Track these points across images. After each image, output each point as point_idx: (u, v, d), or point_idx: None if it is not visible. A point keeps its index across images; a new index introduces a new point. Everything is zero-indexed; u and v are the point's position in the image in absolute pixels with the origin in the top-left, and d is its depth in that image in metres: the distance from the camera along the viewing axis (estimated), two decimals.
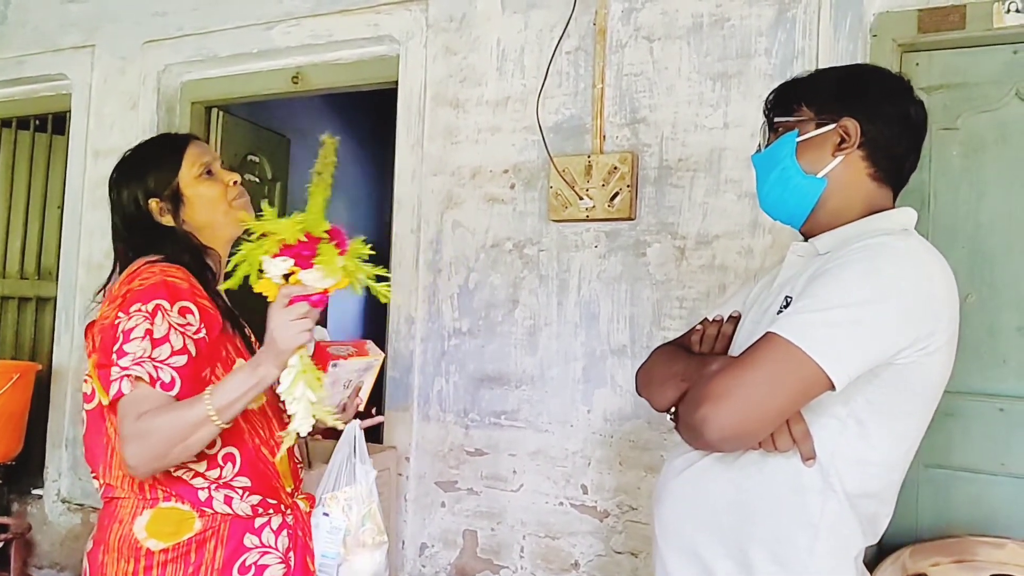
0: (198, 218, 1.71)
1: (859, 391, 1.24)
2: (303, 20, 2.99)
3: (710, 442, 1.26)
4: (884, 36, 2.21)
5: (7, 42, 3.64)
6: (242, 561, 1.59)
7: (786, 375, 1.21)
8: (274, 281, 1.38)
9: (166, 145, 1.78)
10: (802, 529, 1.27)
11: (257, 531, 1.62)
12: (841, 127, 1.35)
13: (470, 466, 2.65)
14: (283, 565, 1.65)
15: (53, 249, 3.76)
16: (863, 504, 1.28)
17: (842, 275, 1.24)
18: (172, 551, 1.55)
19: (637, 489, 2.39)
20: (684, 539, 1.37)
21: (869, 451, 1.27)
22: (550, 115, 2.57)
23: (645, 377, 1.50)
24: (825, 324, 1.21)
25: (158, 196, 1.70)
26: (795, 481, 1.27)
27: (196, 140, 1.78)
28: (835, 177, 1.36)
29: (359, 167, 6.22)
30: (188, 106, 3.37)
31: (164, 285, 1.54)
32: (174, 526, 1.55)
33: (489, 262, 2.66)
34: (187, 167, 1.71)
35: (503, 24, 2.67)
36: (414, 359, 2.75)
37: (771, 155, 1.42)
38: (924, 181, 2.19)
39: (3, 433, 3.17)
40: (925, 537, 2.11)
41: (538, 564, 2.52)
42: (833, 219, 1.37)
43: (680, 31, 2.42)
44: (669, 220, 2.40)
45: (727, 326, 1.48)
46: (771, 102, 1.46)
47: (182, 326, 1.52)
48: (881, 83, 1.39)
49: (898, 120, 1.36)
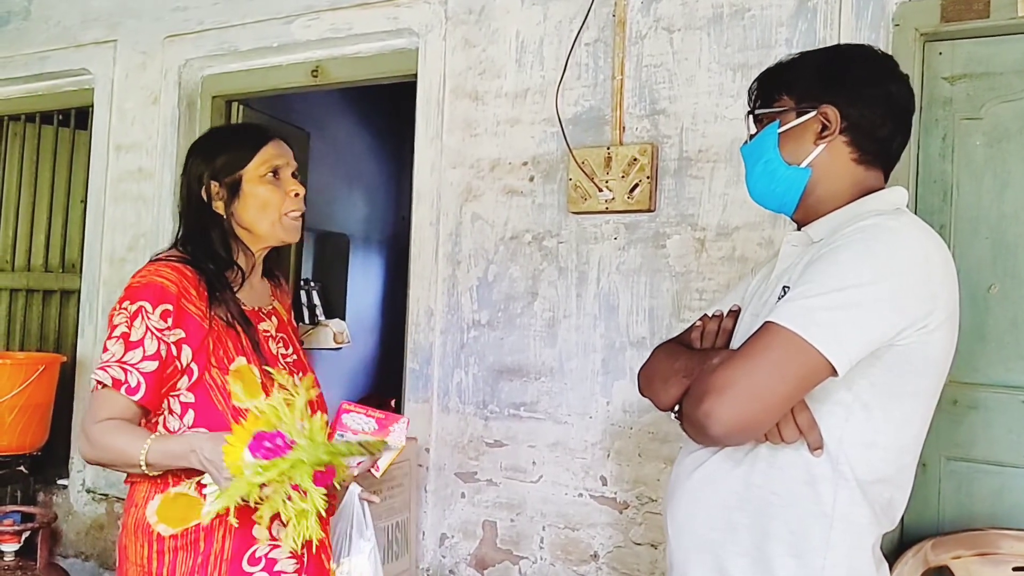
0: (247, 216, 1.70)
1: (862, 375, 1.23)
2: (323, 14, 3.01)
3: (715, 436, 1.25)
4: (906, 25, 2.19)
5: (30, 38, 3.68)
6: (252, 553, 1.60)
7: (787, 363, 1.20)
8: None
9: (248, 134, 1.78)
10: (816, 520, 1.26)
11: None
12: (821, 114, 1.33)
13: (489, 457, 2.66)
14: (295, 561, 1.63)
15: (76, 243, 3.80)
16: (876, 490, 1.27)
17: (837, 259, 1.23)
18: (181, 538, 1.57)
19: (656, 481, 2.39)
20: (697, 538, 1.37)
21: (877, 435, 1.26)
22: (569, 107, 2.57)
23: (647, 376, 1.49)
24: (823, 309, 1.20)
25: (219, 180, 1.70)
26: (806, 472, 1.26)
27: (277, 140, 1.76)
28: (819, 165, 1.35)
29: (377, 160, 6.24)
30: (209, 100, 3.39)
31: (151, 287, 1.58)
32: (182, 511, 1.58)
33: (508, 254, 2.67)
34: (256, 162, 1.71)
35: (522, 16, 2.67)
36: (433, 351, 2.76)
37: (756, 147, 1.42)
38: (947, 171, 2.17)
39: (29, 424, 3.22)
40: (947, 530, 2.10)
41: (557, 555, 2.53)
42: (823, 205, 1.36)
43: (700, 22, 2.41)
44: (689, 211, 2.40)
45: (727, 321, 1.47)
46: (754, 92, 1.45)
47: (160, 330, 1.56)
48: (861, 65, 1.37)
49: (880, 102, 1.34)
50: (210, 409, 1.60)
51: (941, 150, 2.19)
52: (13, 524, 3.12)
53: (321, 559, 1.71)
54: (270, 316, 1.79)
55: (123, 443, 1.53)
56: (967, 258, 2.12)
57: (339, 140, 5.66)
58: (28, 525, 3.13)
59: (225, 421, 1.56)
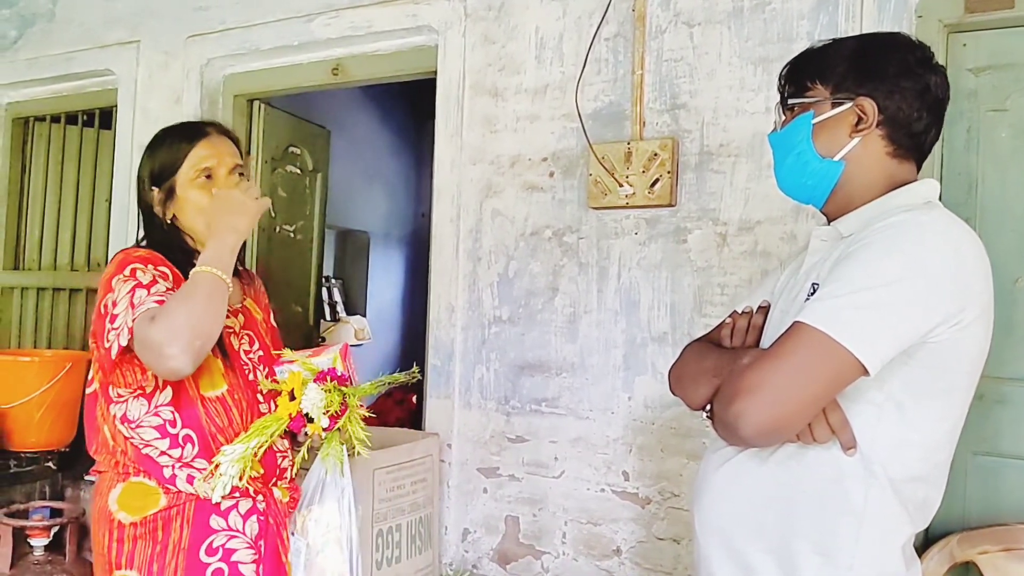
0: (186, 220, 1.71)
1: (894, 373, 1.21)
2: (343, 12, 3.02)
3: (746, 437, 1.24)
4: (930, 17, 2.17)
5: (55, 39, 3.72)
6: (209, 543, 1.62)
7: (817, 364, 1.18)
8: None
9: (180, 135, 1.75)
10: (845, 518, 1.24)
11: (223, 514, 1.64)
12: (858, 106, 1.30)
13: (511, 453, 2.66)
14: (252, 551, 1.66)
15: (101, 241, 3.84)
16: (910, 489, 1.26)
17: (866, 256, 1.21)
18: (140, 526, 1.61)
19: (679, 476, 2.39)
20: (724, 535, 1.36)
21: (910, 433, 1.24)
22: (589, 102, 2.57)
23: (677, 375, 1.48)
24: (853, 308, 1.18)
25: (158, 186, 1.71)
26: (835, 470, 1.25)
27: (211, 138, 1.74)
28: (853, 158, 1.32)
29: (397, 157, 6.26)
30: (231, 99, 3.42)
31: (133, 259, 1.63)
32: (140, 500, 1.62)
33: (528, 250, 2.67)
34: (187, 166, 1.70)
35: (541, 12, 2.67)
36: (455, 347, 2.77)
37: (787, 137, 1.38)
38: (972, 163, 2.15)
39: (57, 421, 3.26)
40: (973, 525, 2.08)
41: (580, 550, 2.54)
42: (854, 199, 1.34)
43: (720, 15, 2.40)
44: (710, 206, 2.39)
45: (757, 317, 1.45)
46: (784, 78, 1.41)
47: (161, 275, 1.61)
48: (898, 55, 1.32)
49: (917, 95, 1.30)
50: (182, 388, 1.64)
51: (966, 142, 2.17)
52: (42, 519, 3.16)
53: (279, 554, 1.72)
54: (236, 314, 1.78)
55: (181, 294, 1.53)
56: (993, 251, 2.05)
57: (359, 137, 5.68)
58: (57, 520, 3.17)
59: (195, 402, 1.64)
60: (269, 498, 1.70)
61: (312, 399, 1.65)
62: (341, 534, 1.74)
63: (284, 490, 1.75)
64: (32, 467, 3.00)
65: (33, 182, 4.07)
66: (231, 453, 1.56)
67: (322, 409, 1.65)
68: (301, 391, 1.66)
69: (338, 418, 1.68)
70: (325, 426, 1.66)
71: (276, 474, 1.73)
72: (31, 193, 4.07)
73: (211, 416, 1.65)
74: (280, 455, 1.75)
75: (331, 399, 1.66)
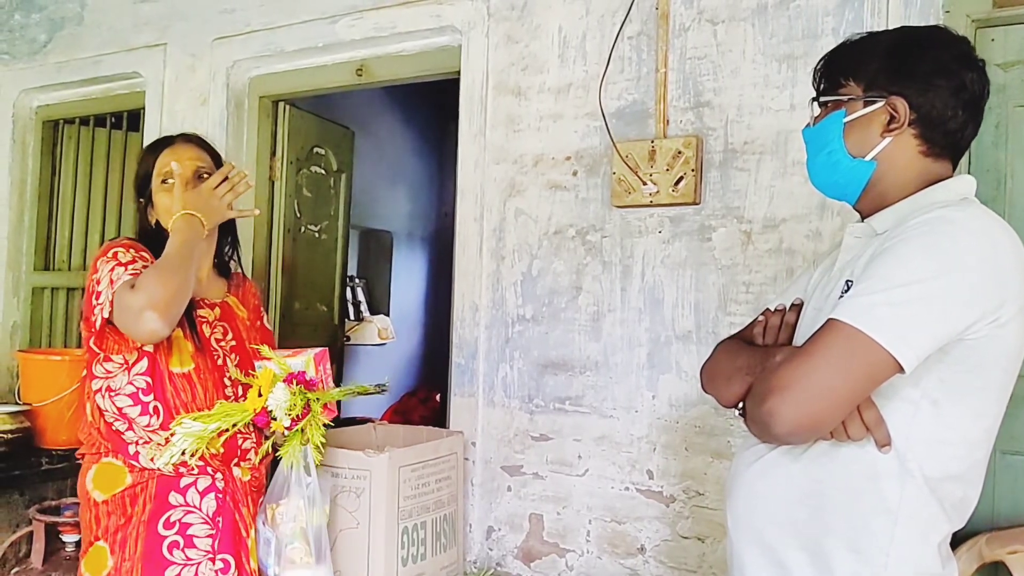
0: (162, 222, 1.92)
1: (930, 371, 1.20)
2: (367, 13, 3.04)
3: (779, 435, 1.23)
4: (957, 12, 2.15)
5: (84, 43, 3.77)
6: (166, 518, 1.79)
7: (852, 361, 1.17)
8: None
9: (152, 147, 2.02)
10: (879, 516, 1.24)
11: (182, 491, 1.81)
12: (889, 105, 1.29)
13: (535, 451, 2.67)
14: (208, 526, 1.81)
15: None
16: (947, 488, 1.24)
17: (902, 253, 1.20)
18: (111, 503, 1.80)
19: (704, 475, 2.38)
20: (756, 532, 1.36)
21: (946, 431, 1.23)
22: (612, 101, 2.57)
23: (709, 373, 1.48)
24: (888, 305, 1.17)
25: (141, 196, 1.98)
26: (870, 468, 1.24)
27: (174, 146, 1.97)
28: (885, 158, 1.31)
29: (420, 157, 6.28)
30: (256, 100, 3.45)
31: (115, 243, 1.87)
32: (111, 479, 1.81)
33: (552, 249, 2.67)
34: (155, 174, 1.95)
35: (564, 11, 2.68)
36: (479, 346, 2.78)
37: (819, 134, 1.37)
38: (1000, 160, 2.13)
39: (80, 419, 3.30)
40: (1002, 524, 2.06)
41: (604, 548, 2.54)
42: (888, 197, 1.32)
43: (744, 13, 2.39)
44: (735, 204, 2.38)
45: (790, 315, 1.44)
46: (819, 73, 1.40)
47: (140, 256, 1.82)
48: (933, 52, 1.30)
49: (952, 93, 1.28)
50: (155, 361, 1.82)
51: (995, 138, 2.14)
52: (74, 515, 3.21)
53: (239, 530, 1.85)
54: (213, 307, 1.97)
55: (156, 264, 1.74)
56: None
57: (383, 138, 5.72)
58: None
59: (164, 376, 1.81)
60: (228, 476, 1.86)
61: (277, 399, 1.76)
62: (308, 528, 1.84)
63: (246, 470, 1.90)
64: (63, 464, 3.03)
65: (63, 184, 4.12)
66: (187, 427, 1.69)
67: (285, 410, 1.76)
68: (269, 389, 1.76)
69: (299, 420, 1.79)
70: (287, 425, 1.78)
71: (238, 455, 1.89)
72: (61, 195, 4.12)
73: (177, 390, 1.82)
74: (242, 436, 1.89)
75: (295, 401, 1.77)
